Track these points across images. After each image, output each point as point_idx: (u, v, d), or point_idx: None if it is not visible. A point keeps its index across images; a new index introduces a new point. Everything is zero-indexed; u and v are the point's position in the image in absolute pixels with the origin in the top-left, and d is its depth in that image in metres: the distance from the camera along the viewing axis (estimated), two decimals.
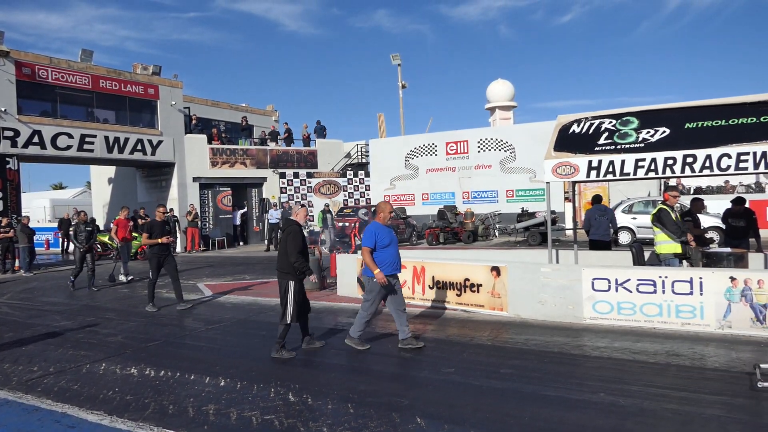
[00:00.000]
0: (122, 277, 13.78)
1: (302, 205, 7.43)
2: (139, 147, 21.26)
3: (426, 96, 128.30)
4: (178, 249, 21.93)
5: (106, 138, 20.27)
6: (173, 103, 22.62)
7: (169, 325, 8.38)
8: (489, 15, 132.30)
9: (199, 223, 22.37)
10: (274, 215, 21.92)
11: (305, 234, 6.79)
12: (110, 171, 25.79)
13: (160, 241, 9.57)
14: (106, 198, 26.42)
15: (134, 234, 19.61)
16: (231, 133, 25.87)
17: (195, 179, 23.12)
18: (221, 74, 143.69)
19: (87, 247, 12.39)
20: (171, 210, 21.96)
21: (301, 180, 25.35)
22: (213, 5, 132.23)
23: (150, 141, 21.64)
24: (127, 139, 20.86)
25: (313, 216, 23.06)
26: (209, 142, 23.73)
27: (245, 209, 24.62)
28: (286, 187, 24.96)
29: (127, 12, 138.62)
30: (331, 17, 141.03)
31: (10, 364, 6.45)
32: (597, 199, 10.27)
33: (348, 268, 10.27)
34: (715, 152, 7.00)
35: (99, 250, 20.26)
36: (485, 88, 38.16)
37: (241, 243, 24.33)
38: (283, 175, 25.02)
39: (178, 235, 21.87)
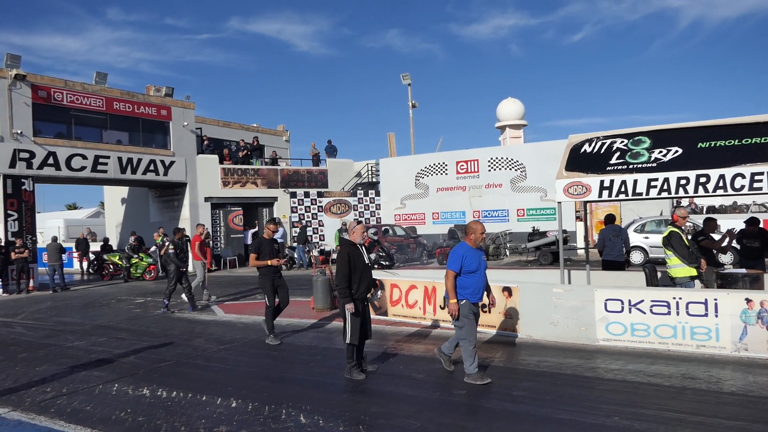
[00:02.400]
0: (204, 299, 12.94)
1: (358, 222, 7.22)
2: (151, 168, 21.51)
3: (436, 115, 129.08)
4: (191, 269, 22.00)
5: (120, 159, 20.53)
6: (185, 123, 22.91)
7: (181, 345, 8.39)
8: (500, 34, 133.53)
9: (211, 242, 22.47)
10: (280, 234, 21.94)
11: (363, 251, 6.50)
12: (123, 191, 26.07)
13: (270, 263, 8.38)
14: (119, 218, 26.67)
15: (141, 255, 19.77)
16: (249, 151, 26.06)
17: (207, 199, 23.30)
18: (233, 94, 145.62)
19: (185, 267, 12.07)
20: (183, 230, 22.07)
21: (311, 199, 25.46)
22: (226, 27, 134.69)
23: (162, 161, 21.89)
24: (140, 160, 21.12)
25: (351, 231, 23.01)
26: (221, 162, 23.95)
27: (256, 229, 24.72)
28: (296, 207, 25.08)
29: (142, 35, 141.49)
30: (342, 37, 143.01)
31: (24, 385, 6.48)
32: (610, 219, 10.20)
33: None
34: (728, 172, 6.96)
35: (111, 270, 20.44)
36: (495, 107, 38.35)
37: None
38: (293, 195, 25.16)
39: (190, 254, 21.95)
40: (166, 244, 12.61)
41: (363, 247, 6.60)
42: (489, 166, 23.88)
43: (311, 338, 8.61)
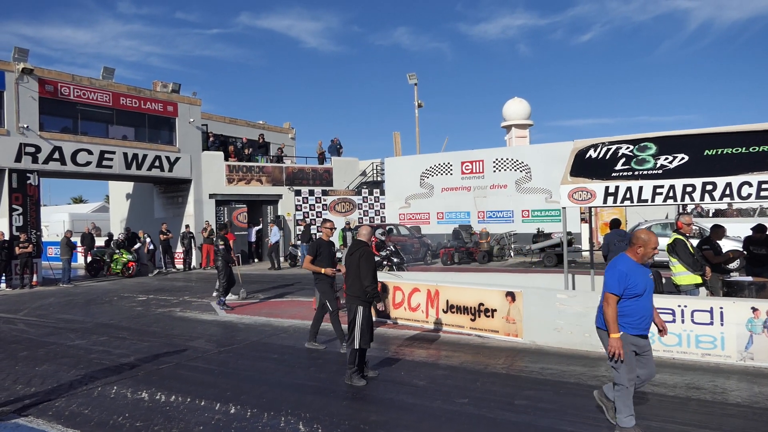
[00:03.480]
0: (233, 296, 12.87)
1: (364, 224, 7.24)
2: (156, 163, 21.52)
3: (442, 114, 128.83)
4: (194, 264, 22.07)
5: (125, 154, 20.55)
6: (191, 120, 22.91)
7: (181, 346, 8.37)
8: (508, 34, 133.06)
9: (215, 239, 22.47)
10: (276, 234, 21.89)
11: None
12: (128, 186, 26.12)
13: (324, 271, 7.70)
14: (124, 213, 26.71)
15: (122, 251, 19.87)
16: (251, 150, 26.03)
17: (211, 196, 23.30)
18: (241, 90, 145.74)
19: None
20: (187, 226, 22.13)
21: (316, 198, 25.43)
22: (236, 22, 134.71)
23: (168, 158, 21.89)
24: (145, 156, 21.14)
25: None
26: (226, 159, 23.95)
27: (260, 226, 24.72)
28: (301, 205, 25.05)
29: (152, 28, 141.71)
30: (351, 34, 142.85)
31: (23, 386, 6.47)
32: (616, 224, 10.10)
33: None
34: (735, 180, 6.88)
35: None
36: (502, 106, 38.18)
37: (256, 260, 24.40)
38: (298, 193, 25.13)
39: (194, 251, 22.00)
40: (216, 241, 12.77)
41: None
42: (494, 166, 23.78)
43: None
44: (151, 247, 20.94)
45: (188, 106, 22.98)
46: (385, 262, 15.01)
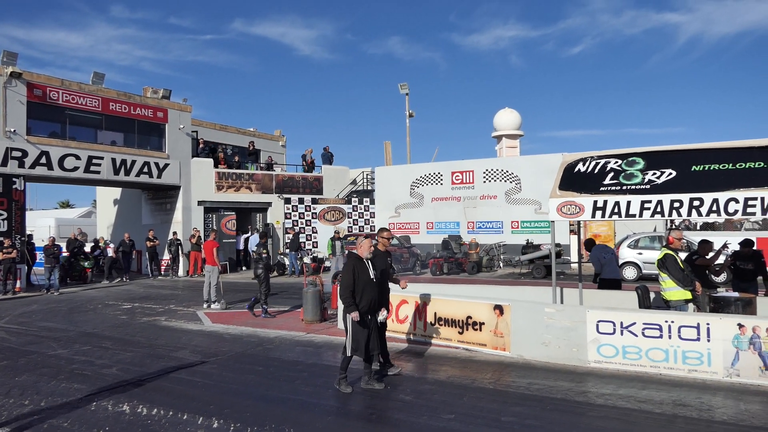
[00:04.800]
0: (215, 305, 12.94)
1: (366, 236, 7.20)
2: (145, 170, 21.35)
3: (434, 123, 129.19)
4: (180, 272, 21.87)
5: (113, 160, 20.37)
6: (181, 126, 22.78)
7: (165, 357, 8.25)
8: (500, 45, 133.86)
9: (257, 247, 22.22)
10: (252, 241, 21.56)
11: (368, 266, 6.58)
12: (116, 192, 25.89)
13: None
14: (111, 219, 26.45)
15: (80, 257, 19.81)
16: (240, 157, 25.90)
17: (200, 203, 23.14)
18: (232, 96, 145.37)
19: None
20: (174, 233, 21.95)
21: (306, 206, 25.34)
22: (229, 28, 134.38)
23: (157, 164, 21.74)
24: (134, 162, 20.97)
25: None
26: (215, 166, 23.83)
27: (249, 234, 24.55)
28: (290, 213, 24.94)
29: (145, 33, 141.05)
30: (345, 42, 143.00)
31: (2, 397, 6.33)
32: (591, 243, 10.27)
33: None
34: (722, 196, 6.90)
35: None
36: (493, 116, 38.36)
37: (244, 268, 24.22)
38: (288, 201, 25.03)
39: (181, 259, 21.81)
40: (256, 247, 12.67)
41: (369, 262, 6.64)
42: (484, 177, 23.82)
43: (299, 353, 8.48)
44: (109, 254, 20.71)
45: (178, 112, 22.87)
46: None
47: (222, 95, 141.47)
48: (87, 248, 21.78)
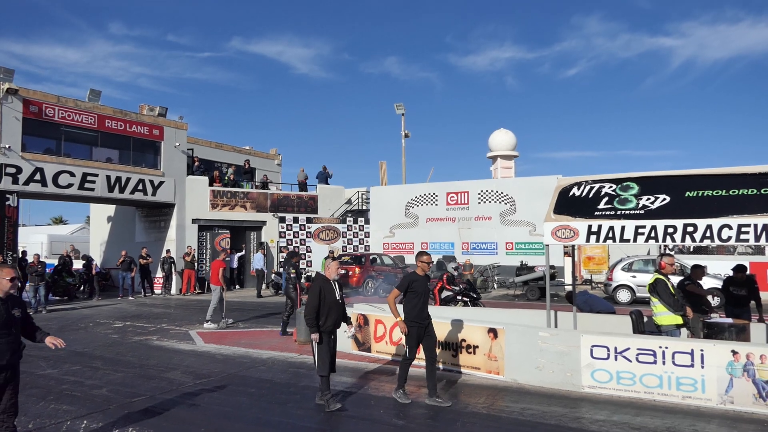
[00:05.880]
0: (210, 324, 12.97)
1: (333, 259, 7.33)
2: (140, 187, 21.32)
3: (430, 143, 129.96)
4: (173, 291, 21.72)
5: (108, 177, 20.34)
6: (177, 144, 22.82)
7: (156, 377, 8.15)
8: (496, 66, 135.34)
9: (196, 265, 22.22)
10: (259, 261, 21.66)
11: (335, 287, 6.79)
12: (110, 209, 25.80)
13: (397, 320, 6.90)
14: (105, 236, 26.31)
15: (64, 274, 19.71)
16: (236, 176, 25.89)
17: (194, 221, 23.09)
18: (229, 114, 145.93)
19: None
20: (168, 251, 21.86)
21: (300, 225, 25.32)
22: (227, 46, 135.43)
23: (151, 181, 21.72)
24: (128, 179, 20.94)
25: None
26: (210, 184, 23.82)
27: (243, 252, 24.48)
28: (285, 232, 24.90)
29: (143, 50, 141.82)
30: (342, 62, 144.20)
31: None
32: (570, 295, 10.55)
33: None
34: (716, 223, 6.95)
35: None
36: (488, 137, 38.58)
37: (237, 286, 24.11)
38: (282, 220, 25.01)
39: (174, 277, 21.68)
40: (287, 268, 12.66)
41: (336, 283, 6.84)
42: (479, 198, 23.92)
43: (291, 375, 8.40)
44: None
45: (174, 130, 22.92)
46: (458, 297, 13.80)
47: (218, 113, 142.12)
48: (78, 265, 21.66)
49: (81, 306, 17.98)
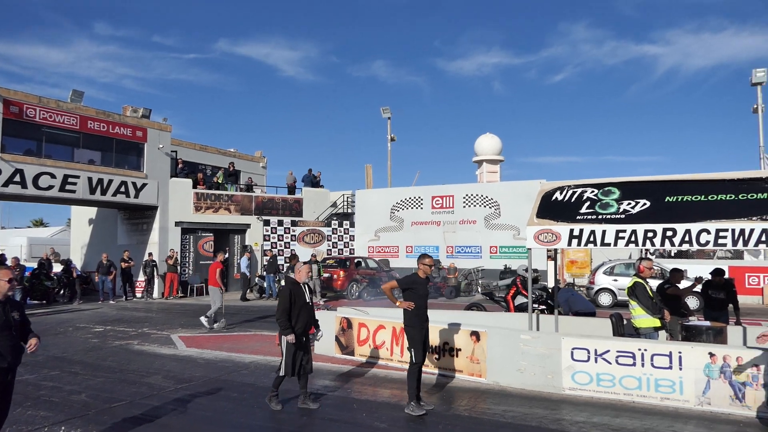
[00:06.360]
0: (205, 322, 13.23)
1: (305, 263, 7.35)
2: (122, 189, 21.10)
3: (416, 147, 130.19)
4: (155, 294, 21.52)
5: (90, 179, 20.10)
6: (161, 146, 22.63)
7: (137, 382, 8.07)
8: (484, 71, 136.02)
9: (179, 268, 22.04)
10: (243, 264, 21.65)
11: (305, 290, 6.90)
12: (91, 211, 25.49)
13: (399, 303, 6.71)
14: (86, 239, 25.99)
15: (42, 277, 19.45)
16: (225, 179, 25.71)
17: (177, 223, 22.89)
18: (214, 116, 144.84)
19: None
20: (150, 254, 21.65)
21: (285, 228, 25.23)
22: (214, 47, 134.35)
23: (134, 183, 21.51)
24: (110, 181, 20.71)
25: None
26: (194, 187, 23.66)
27: (227, 255, 24.29)
28: (269, 235, 24.80)
29: (128, 51, 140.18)
30: (329, 65, 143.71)
31: None
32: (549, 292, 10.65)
33: (327, 325, 10.04)
34: (694, 227, 7.07)
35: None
36: (474, 141, 38.77)
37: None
38: (267, 223, 24.90)
39: (156, 280, 21.49)
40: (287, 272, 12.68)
41: (306, 286, 6.95)
42: (464, 202, 24.03)
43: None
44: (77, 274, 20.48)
45: (158, 131, 22.74)
46: (536, 305, 11.96)
47: (203, 115, 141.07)
48: (57, 268, 21.37)
49: (60, 310, 17.74)
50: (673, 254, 23.31)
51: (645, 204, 7.71)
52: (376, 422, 6.24)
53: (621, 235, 7.50)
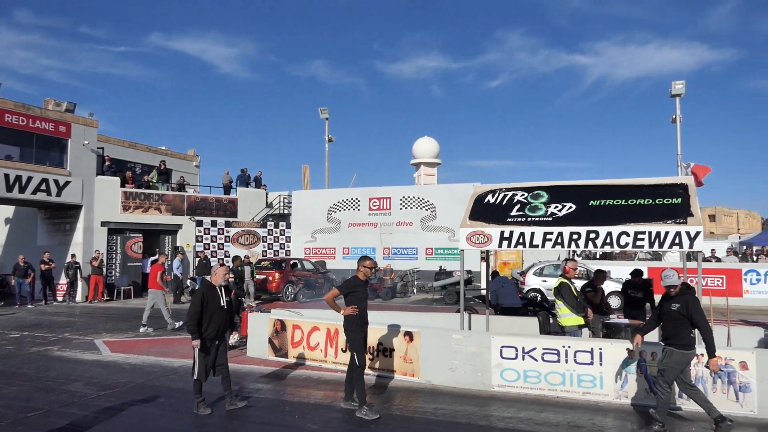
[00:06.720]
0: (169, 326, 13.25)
1: (222, 264, 7.22)
2: (43, 187, 19.93)
3: (354, 149, 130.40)
4: (78, 298, 20.47)
5: (6, 176, 18.86)
6: (86, 142, 21.55)
7: (56, 390, 7.65)
8: (422, 74, 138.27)
9: (105, 270, 21.06)
10: (175, 265, 21.00)
11: (221, 294, 6.73)
12: (8, 210, 23.94)
13: (343, 312, 6.61)
14: (2, 240, 24.40)
15: None
16: (159, 179, 24.77)
17: (104, 224, 21.86)
18: (145, 112, 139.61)
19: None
20: (73, 256, 20.59)
21: (219, 229, 24.63)
22: (146, 41, 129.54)
23: (56, 181, 20.36)
24: (30, 178, 19.52)
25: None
26: (122, 185, 22.69)
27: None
28: (202, 236, 24.13)
29: (52, 41, 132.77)
30: (267, 63, 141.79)
31: None
32: (495, 274, 10.80)
33: (260, 327, 9.91)
34: (615, 230, 7.45)
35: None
36: (412, 144, 39.22)
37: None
38: (200, 223, 24.22)
39: (79, 283, 20.45)
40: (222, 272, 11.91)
41: (222, 289, 6.77)
42: (401, 204, 24.27)
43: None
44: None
45: (83, 127, 21.65)
46: (531, 308, 11.38)
47: (134, 111, 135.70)
48: None
49: None
50: (598, 256, 24.43)
51: (571, 207, 8.04)
52: (308, 424, 6.21)
53: (548, 236, 7.80)
